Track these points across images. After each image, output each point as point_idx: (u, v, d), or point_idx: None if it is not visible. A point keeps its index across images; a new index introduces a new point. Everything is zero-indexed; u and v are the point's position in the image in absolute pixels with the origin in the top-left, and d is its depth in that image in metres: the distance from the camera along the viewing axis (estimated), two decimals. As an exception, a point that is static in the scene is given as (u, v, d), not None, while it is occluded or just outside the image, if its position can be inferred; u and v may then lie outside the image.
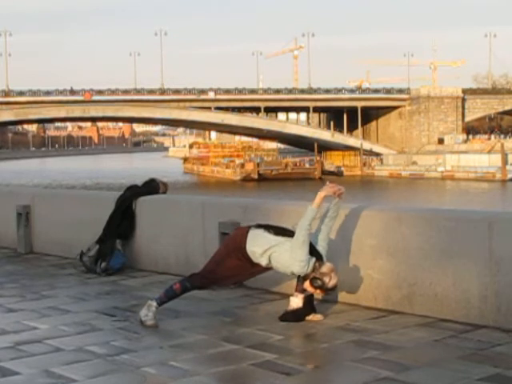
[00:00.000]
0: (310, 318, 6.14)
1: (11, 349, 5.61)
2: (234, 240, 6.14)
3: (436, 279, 6.11)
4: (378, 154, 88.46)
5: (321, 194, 5.91)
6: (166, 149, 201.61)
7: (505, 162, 71.87)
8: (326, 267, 5.91)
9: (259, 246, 5.95)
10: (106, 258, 8.67)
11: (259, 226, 6.08)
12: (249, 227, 6.12)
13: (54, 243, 10.16)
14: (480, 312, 5.82)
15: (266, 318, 6.32)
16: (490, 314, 5.77)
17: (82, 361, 5.25)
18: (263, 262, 5.97)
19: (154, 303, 6.12)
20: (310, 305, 6.19)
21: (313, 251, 5.92)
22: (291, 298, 6.23)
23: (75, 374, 4.95)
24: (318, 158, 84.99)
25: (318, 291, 5.98)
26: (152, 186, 9.12)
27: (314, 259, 5.90)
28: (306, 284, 5.96)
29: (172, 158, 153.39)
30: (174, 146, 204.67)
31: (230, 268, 6.07)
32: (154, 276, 8.29)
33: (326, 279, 5.88)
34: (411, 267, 6.27)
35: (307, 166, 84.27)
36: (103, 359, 5.28)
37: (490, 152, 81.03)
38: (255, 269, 6.08)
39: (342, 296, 6.73)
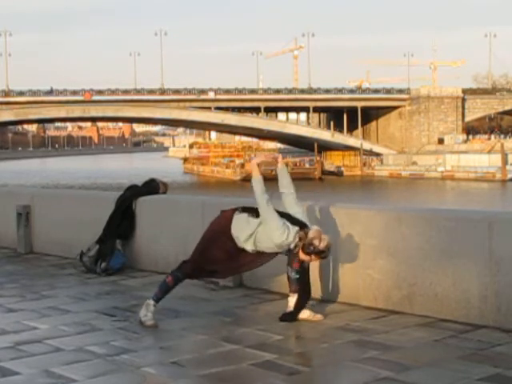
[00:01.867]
0: (310, 317, 6.14)
1: (11, 349, 5.61)
2: (218, 223, 6.11)
3: (436, 279, 6.11)
4: (378, 154, 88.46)
5: (253, 163, 6.02)
6: (166, 149, 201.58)
7: (505, 162, 71.86)
8: (313, 232, 5.89)
9: (243, 231, 5.94)
10: (106, 258, 8.68)
11: (244, 210, 6.06)
12: (234, 210, 6.09)
13: (54, 243, 10.16)
14: (480, 312, 5.82)
15: (265, 318, 6.32)
16: (490, 314, 5.77)
17: (81, 361, 5.25)
18: (248, 247, 5.95)
19: (152, 301, 6.13)
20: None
21: (294, 222, 5.91)
22: (289, 299, 6.23)
23: (75, 374, 4.95)
24: (318, 158, 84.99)
25: (313, 257, 5.92)
26: (152, 186, 9.13)
27: (296, 228, 5.87)
28: (301, 255, 5.93)
29: (172, 158, 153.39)
30: (173, 146, 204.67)
31: (218, 252, 6.03)
32: (154, 276, 8.28)
33: (316, 242, 5.84)
34: (411, 267, 6.28)
35: (307, 166, 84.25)
36: (103, 359, 5.28)
37: (489, 152, 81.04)
38: (246, 258, 6.05)
39: (342, 296, 6.74)
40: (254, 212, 5.99)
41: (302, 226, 5.92)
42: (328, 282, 6.80)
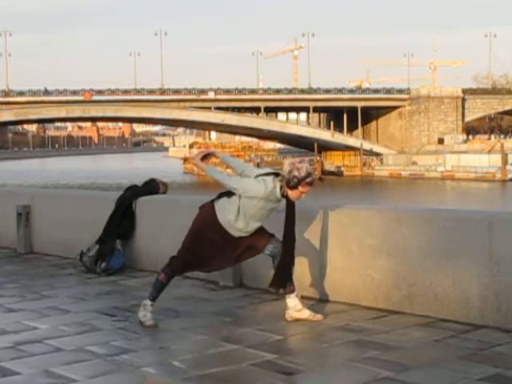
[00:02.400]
0: (310, 317, 6.14)
1: (11, 349, 5.61)
2: (203, 217, 6.09)
3: (436, 279, 6.11)
4: (378, 154, 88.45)
5: (197, 160, 6.17)
6: (166, 149, 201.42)
7: (505, 161, 71.85)
8: (287, 166, 5.90)
9: (229, 211, 5.93)
10: (106, 258, 8.68)
11: (220, 196, 6.07)
12: (211, 202, 6.10)
13: (54, 243, 10.16)
14: (480, 312, 5.82)
15: (266, 317, 6.32)
16: (490, 314, 5.77)
17: (81, 361, 5.25)
18: (241, 224, 5.93)
19: (148, 301, 6.13)
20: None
21: (266, 174, 5.92)
22: (287, 300, 6.19)
23: (75, 374, 4.95)
24: (318, 158, 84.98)
25: (302, 188, 5.88)
26: (152, 186, 9.13)
27: (270, 176, 5.89)
28: (292, 194, 5.90)
29: (172, 158, 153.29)
30: (174, 146, 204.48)
31: (206, 244, 6.02)
32: (154, 276, 8.25)
33: (296, 173, 5.82)
34: (411, 267, 6.27)
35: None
36: (103, 359, 5.28)
37: (489, 152, 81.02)
38: (239, 246, 6.03)
39: (342, 296, 6.73)
40: (229, 193, 6.00)
41: (275, 174, 5.93)
42: (328, 282, 6.81)
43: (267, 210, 5.97)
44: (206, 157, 6.23)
